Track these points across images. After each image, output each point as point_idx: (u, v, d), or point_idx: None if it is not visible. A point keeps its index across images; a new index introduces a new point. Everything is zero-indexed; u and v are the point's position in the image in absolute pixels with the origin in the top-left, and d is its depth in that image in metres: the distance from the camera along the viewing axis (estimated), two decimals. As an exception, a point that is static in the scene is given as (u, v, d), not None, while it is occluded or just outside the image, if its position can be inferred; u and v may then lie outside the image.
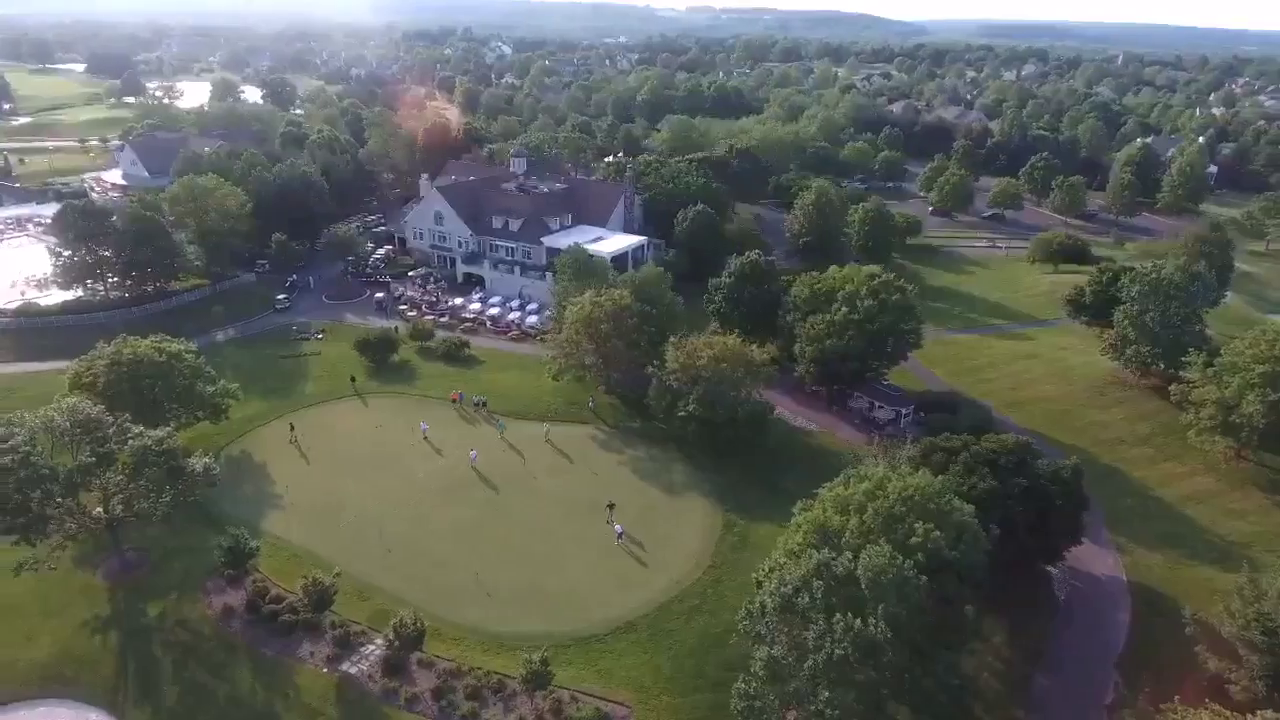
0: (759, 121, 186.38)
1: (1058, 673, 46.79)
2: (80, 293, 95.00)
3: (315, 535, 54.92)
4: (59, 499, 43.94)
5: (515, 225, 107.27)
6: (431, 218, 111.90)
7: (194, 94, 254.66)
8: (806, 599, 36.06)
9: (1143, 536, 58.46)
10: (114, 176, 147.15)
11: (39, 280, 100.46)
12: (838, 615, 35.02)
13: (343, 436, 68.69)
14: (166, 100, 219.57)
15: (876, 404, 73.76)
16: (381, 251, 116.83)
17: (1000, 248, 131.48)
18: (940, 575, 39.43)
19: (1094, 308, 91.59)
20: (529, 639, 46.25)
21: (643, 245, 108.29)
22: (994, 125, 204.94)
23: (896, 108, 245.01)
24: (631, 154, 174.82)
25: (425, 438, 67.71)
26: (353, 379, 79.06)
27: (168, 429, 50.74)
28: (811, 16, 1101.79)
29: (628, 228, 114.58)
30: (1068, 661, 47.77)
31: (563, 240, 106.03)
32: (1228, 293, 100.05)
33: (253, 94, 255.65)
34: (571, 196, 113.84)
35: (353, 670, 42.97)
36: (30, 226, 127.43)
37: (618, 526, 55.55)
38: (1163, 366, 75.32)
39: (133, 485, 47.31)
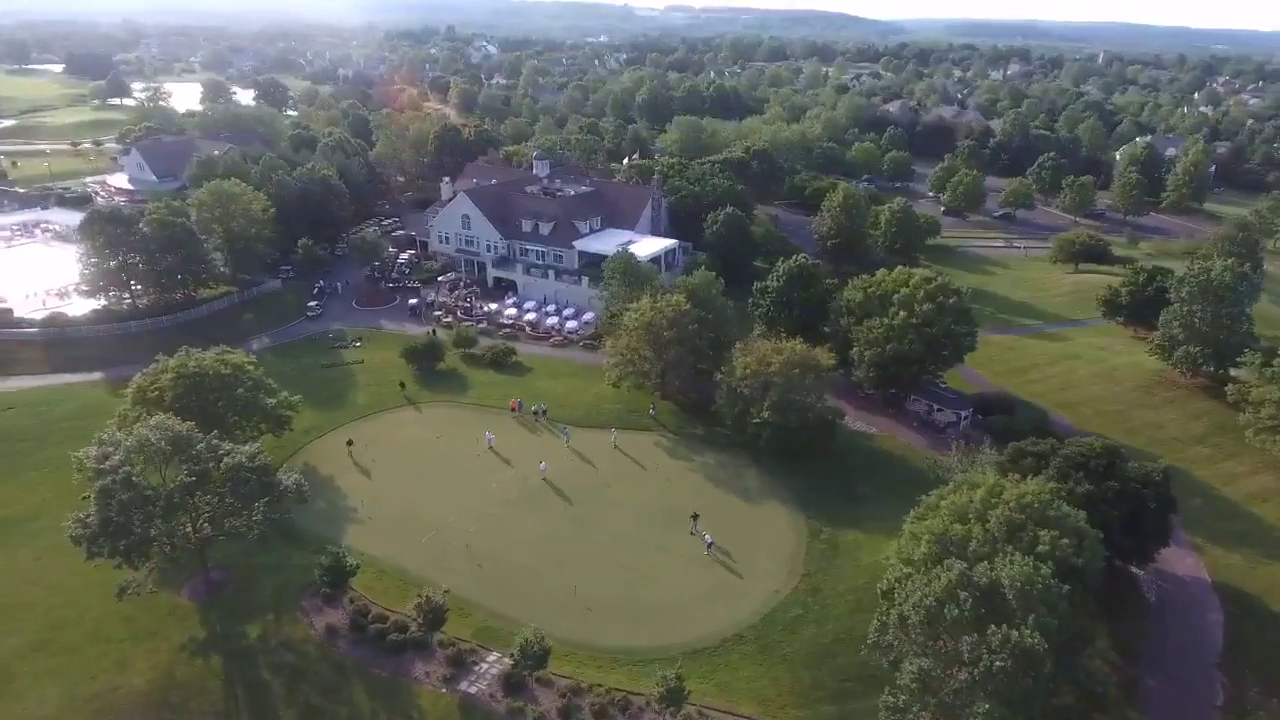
0: (765, 122, 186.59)
1: (1162, 675, 47.13)
2: (103, 301, 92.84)
3: (399, 551, 53.87)
4: (160, 520, 42.61)
5: (545, 229, 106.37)
6: (459, 221, 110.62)
7: (181, 95, 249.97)
8: (955, 611, 35.90)
9: (1218, 536, 59.12)
10: (119, 181, 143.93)
11: (60, 289, 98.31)
12: (992, 626, 34.92)
13: (403, 448, 67.56)
14: (161, 102, 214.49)
15: (936, 407, 74.00)
16: (405, 256, 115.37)
17: (1019, 248, 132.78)
18: (1069, 582, 39.59)
19: (1130, 308, 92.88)
20: (639, 653, 45.85)
21: (674, 249, 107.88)
22: (994, 125, 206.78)
23: (893, 107, 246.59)
24: (645, 155, 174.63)
25: (491, 448, 66.83)
26: (402, 385, 78.04)
27: (255, 445, 49.43)
28: (790, 15, 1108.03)
29: (655, 231, 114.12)
30: (1169, 663, 48.16)
31: (593, 244, 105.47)
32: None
33: (244, 95, 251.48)
34: (599, 199, 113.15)
35: (472, 690, 42.18)
36: (38, 232, 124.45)
37: (707, 536, 55.14)
38: (1213, 368, 76.32)
39: (226, 503, 46.05)
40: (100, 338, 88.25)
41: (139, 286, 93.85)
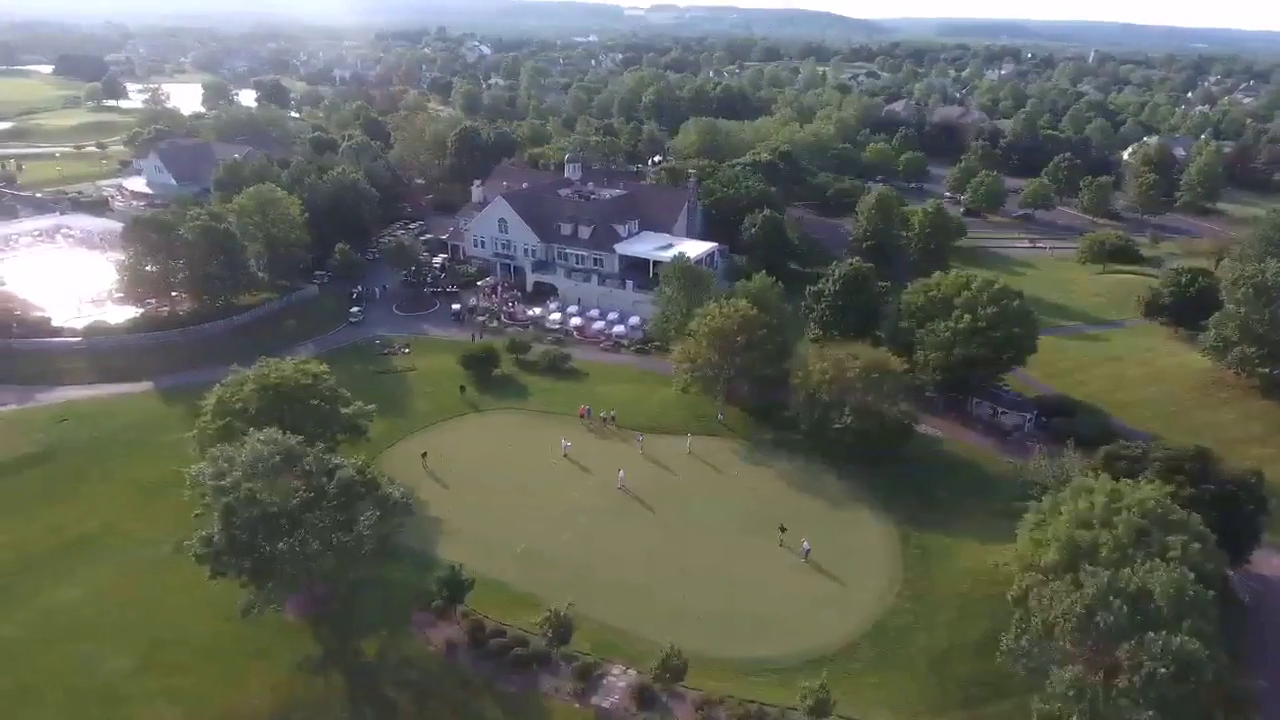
0: (779, 123, 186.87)
1: (1273, 676, 47.54)
2: (140, 309, 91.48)
3: (494, 563, 53.24)
4: (285, 538, 41.85)
5: (585, 232, 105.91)
6: (495, 225, 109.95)
7: (180, 97, 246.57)
8: (1110, 618, 36.03)
9: (1297, 536, 59.72)
10: (136, 184, 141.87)
11: (95, 296, 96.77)
12: (1150, 634, 35.09)
13: (477, 457, 67.02)
14: (168, 105, 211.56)
15: (1001, 410, 74.39)
16: (439, 260, 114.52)
17: (1045, 248, 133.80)
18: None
19: (1173, 309, 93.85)
20: (762, 664, 45.78)
21: (713, 252, 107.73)
22: (1003, 125, 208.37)
23: (898, 107, 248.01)
24: (662, 157, 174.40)
25: (566, 455, 66.44)
26: (462, 389, 77.73)
27: (360, 458, 48.76)
28: (776, 15, 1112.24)
29: (690, 233, 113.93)
30: (1272, 665, 48.59)
31: (633, 247, 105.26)
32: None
33: (244, 97, 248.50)
34: (634, 202, 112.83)
35: (605, 704, 41.88)
36: (59, 238, 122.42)
37: (805, 543, 55.07)
38: (1268, 369, 77.20)
39: (337, 519, 45.32)
40: (144, 346, 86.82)
41: (179, 294, 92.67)
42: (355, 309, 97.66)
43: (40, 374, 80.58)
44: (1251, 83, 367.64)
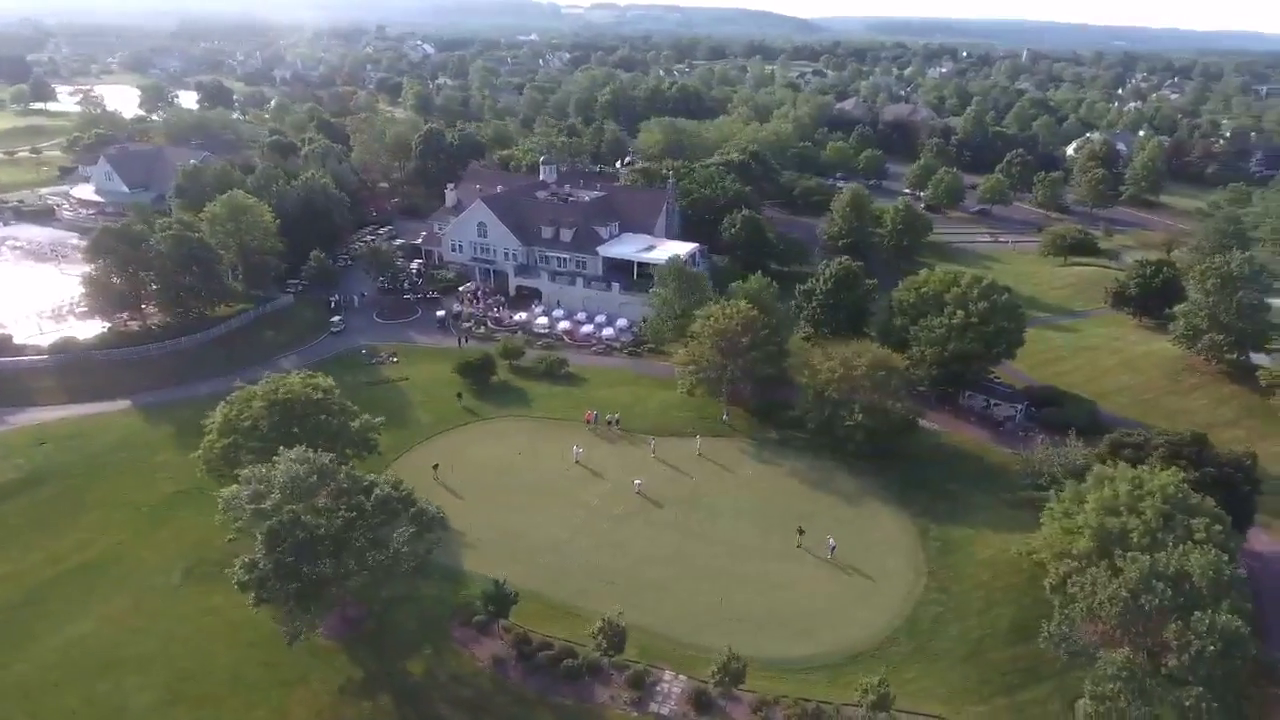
0: (743, 123, 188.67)
1: (1273, 648, 50.18)
2: (107, 324, 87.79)
3: (523, 573, 52.46)
4: (329, 560, 40.72)
5: (567, 235, 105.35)
6: (474, 229, 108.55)
7: (113, 99, 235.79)
8: (1154, 600, 37.65)
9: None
10: (84, 192, 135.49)
11: (55, 311, 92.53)
12: (1197, 613, 36.80)
13: (488, 466, 66.20)
14: (101, 108, 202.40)
15: (993, 402, 76.70)
16: (415, 265, 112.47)
17: (1006, 242, 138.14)
18: (1224, 567, 41.94)
19: (1138, 299, 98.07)
20: (803, 662, 46.44)
21: (694, 252, 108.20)
22: (952, 122, 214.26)
23: (849, 105, 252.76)
24: (626, 157, 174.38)
25: (578, 461, 66.16)
26: (459, 395, 76.68)
27: (389, 474, 47.76)
28: (715, 14, 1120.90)
29: (669, 234, 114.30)
30: (1275, 636, 51.30)
31: (616, 249, 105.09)
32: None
33: (184, 99, 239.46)
34: (614, 204, 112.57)
35: (664, 711, 41.94)
36: (4, 250, 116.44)
37: (830, 540, 55.94)
38: (1235, 354, 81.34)
39: (373, 537, 44.33)
40: (116, 363, 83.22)
41: (149, 307, 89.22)
42: (336, 318, 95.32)
43: (5, 395, 76.66)
44: (1175, 79, 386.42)
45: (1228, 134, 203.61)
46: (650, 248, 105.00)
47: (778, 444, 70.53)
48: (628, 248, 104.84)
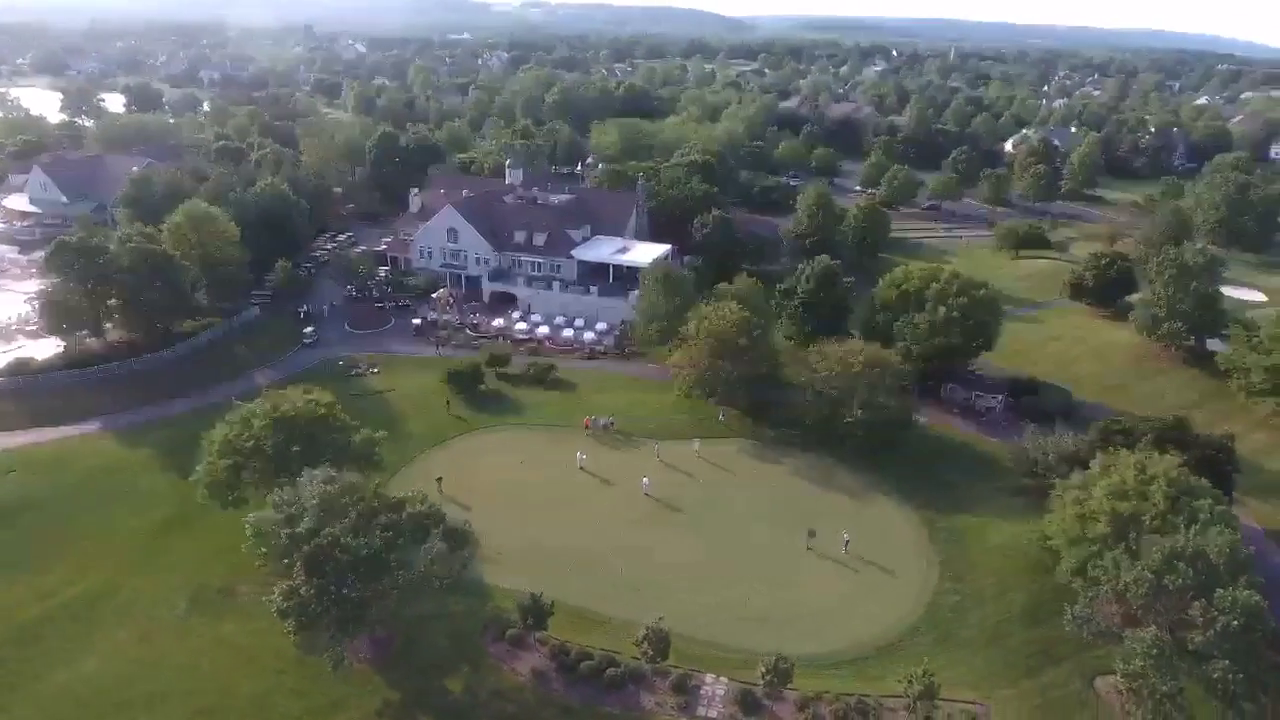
0: (695, 122, 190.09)
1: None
2: (62, 343, 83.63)
3: (546, 583, 51.44)
4: (370, 583, 39.66)
5: (540, 239, 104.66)
6: (444, 235, 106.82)
7: (31, 102, 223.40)
8: (1178, 580, 39.65)
9: (1249, 489, 66.78)
10: (18, 202, 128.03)
11: (2, 331, 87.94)
12: (1219, 590, 38.91)
13: (492, 476, 65.34)
14: (19, 113, 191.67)
15: (975, 393, 79.26)
16: (382, 272, 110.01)
17: (959, 237, 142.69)
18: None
19: (1095, 290, 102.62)
20: (834, 657, 47.30)
21: (668, 254, 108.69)
22: (897, 120, 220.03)
23: (792, 104, 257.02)
24: (582, 159, 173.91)
25: (582, 467, 65.92)
26: (448, 403, 75.60)
27: (416, 489, 46.84)
28: (646, 12, 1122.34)
29: (640, 236, 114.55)
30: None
31: (590, 252, 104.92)
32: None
33: (111, 102, 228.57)
34: (585, 207, 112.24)
35: (712, 714, 42.20)
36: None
37: (845, 535, 57.05)
38: (1192, 341, 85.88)
39: (412, 554, 43.43)
40: (79, 384, 79.23)
41: (110, 325, 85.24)
42: (308, 329, 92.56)
43: (-44, 421, 72.23)
44: (1095, 76, 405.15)
45: (1153, 129, 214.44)
46: (624, 250, 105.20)
47: (775, 442, 71.52)
48: (602, 250, 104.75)
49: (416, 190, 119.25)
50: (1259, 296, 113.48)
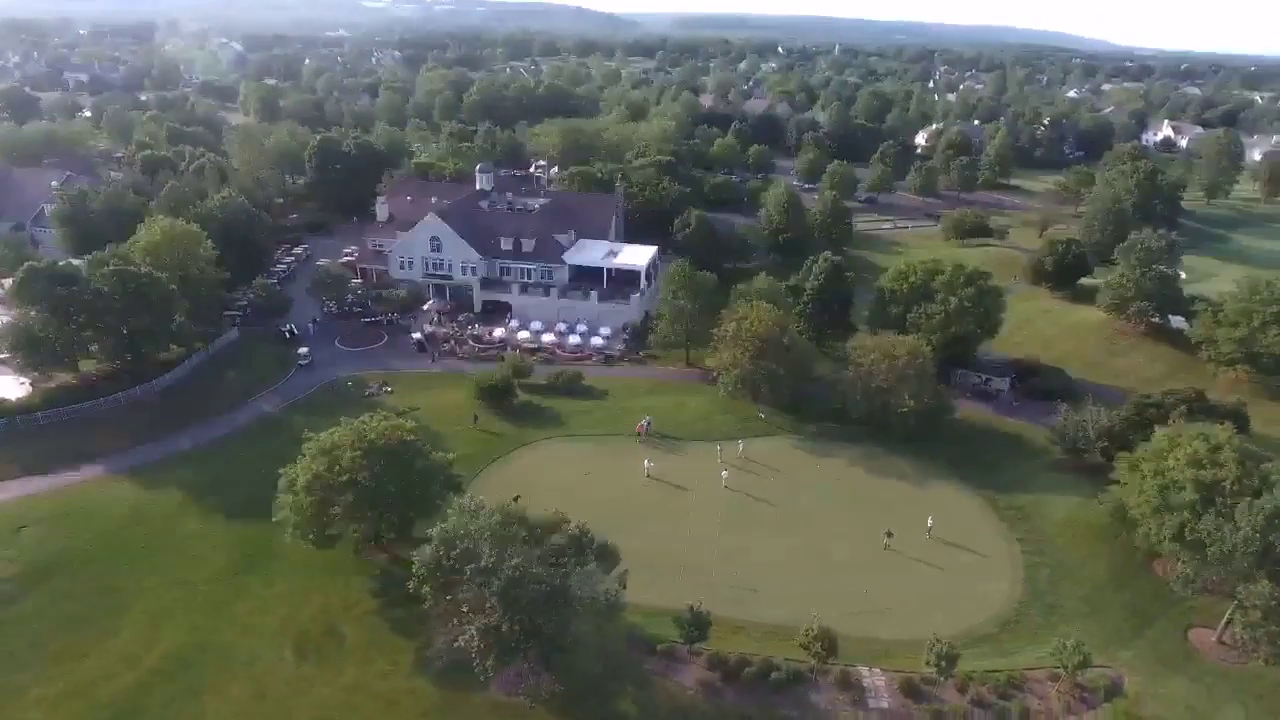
0: (626, 121, 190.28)
1: None
2: (24, 380, 75.93)
3: (665, 593, 51.18)
4: (556, 613, 38.40)
5: (529, 245, 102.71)
6: (426, 244, 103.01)
7: None
8: (1282, 537, 44.06)
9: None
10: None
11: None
12: (1325, 545, 43.51)
13: (560, 491, 63.51)
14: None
15: (987, 377, 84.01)
16: (354, 285, 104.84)
17: (905, 227, 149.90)
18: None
19: (1054, 274, 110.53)
20: (964, 637, 49.39)
21: (655, 256, 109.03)
22: (818, 116, 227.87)
23: (707, 101, 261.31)
24: (523, 160, 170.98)
25: (650, 475, 65.72)
26: (475, 417, 73.82)
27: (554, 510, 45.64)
28: (524, 9, 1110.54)
29: (619, 238, 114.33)
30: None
31: (580, 257, 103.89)
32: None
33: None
34: (566, 211, 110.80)
35: (885, 706, 43.40)
36: None
37: (929, 521, 59.54)
38: (1157, 318, 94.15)
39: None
40: (65, 424, 72.14)
41: (86, 358, 77.87)
42: (302, 350, 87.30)
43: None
44: (973, 71, 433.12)
45: (1046, 121, 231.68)
46: (613, 253, 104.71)
47: (819, 436, 73.53)
48: (593, 254, 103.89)
49: (383, 199, 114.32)
50: (1180, 274, 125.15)
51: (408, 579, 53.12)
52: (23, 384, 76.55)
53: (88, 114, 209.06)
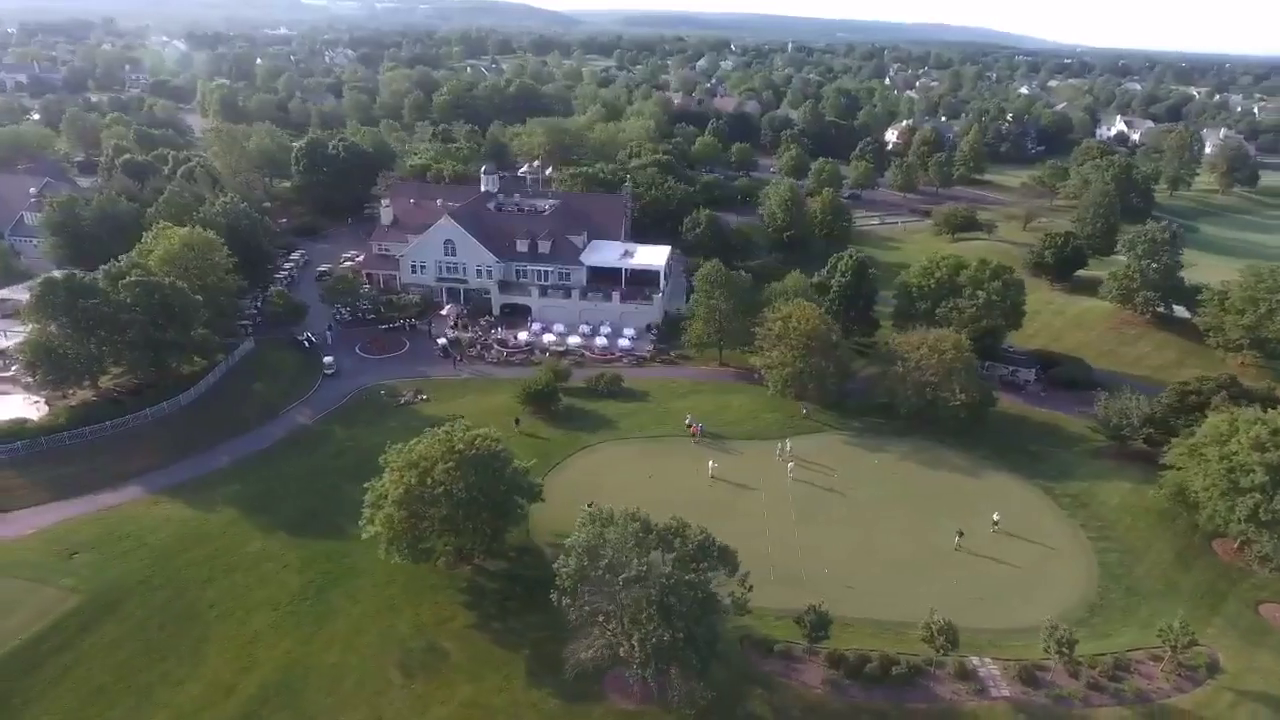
0: (605, 120, 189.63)
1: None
2: (37, 398, 72.42)
3: (758, 593, 51.91)
4: (703, 620, 38.17)
5: (545, 247, 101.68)
6: (440, 248, 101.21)
7: None
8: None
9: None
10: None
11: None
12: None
13: (628, 494, 61.44)
14: None
15: (1014, 369, 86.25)
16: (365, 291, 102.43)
17: (896, 223, 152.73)
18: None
19: (1054, 267, 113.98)
20: (1060, 621, 50.81)
21: (670, 255, 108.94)
22: (791, 114, 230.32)
23: (676, 100, 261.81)
24: (506, 159, 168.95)
25: (714, 476, 65.82)
26: (516, 421, 73.11)
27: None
28: (470, 6, 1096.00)
29: (629, 239, 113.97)
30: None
31: (597, 258, 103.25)
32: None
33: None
34: (578, 212, 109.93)
35: (1006, 693, 44.31)
36: None
37: (995, 515, 60.88)
38: (1162, 307, 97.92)
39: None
40: (95, 444, 68.86)
41: (107, 373, 74.47)
42: (328, 359, 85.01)
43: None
44: (926, 69, 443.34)
45: (1010, 118, 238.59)
46: (628, 254, 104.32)
47: (866, 431, 74.61)
48: (609, 255, 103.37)
49: (387, 201, 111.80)
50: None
51: (497, 590, 53.57)
52: (35, 403, 72.87)
53: (36, 116, 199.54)
